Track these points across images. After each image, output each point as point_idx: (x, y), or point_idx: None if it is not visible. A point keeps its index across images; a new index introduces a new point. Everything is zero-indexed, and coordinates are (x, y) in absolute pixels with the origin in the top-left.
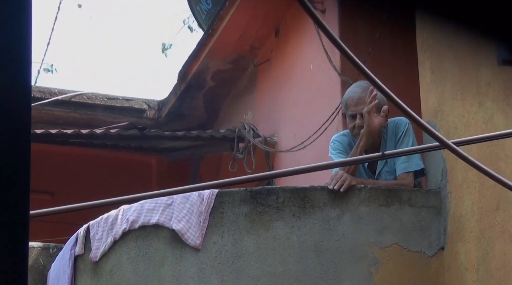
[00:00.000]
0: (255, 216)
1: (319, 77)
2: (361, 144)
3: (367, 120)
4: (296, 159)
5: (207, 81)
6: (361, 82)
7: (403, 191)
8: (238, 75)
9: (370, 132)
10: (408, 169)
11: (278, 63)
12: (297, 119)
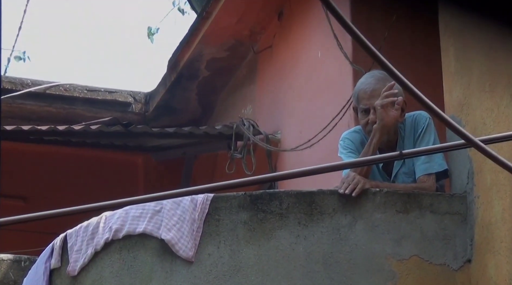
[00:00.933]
0: (256, 224)
1: (328, 66)
2: (374, 141)
3: (380, 114)
4: (302, 159)
5: (200, 70)
6: (375, 71)
7: (423, 196)
8: (236, 64)
9: (383, 127)
10: (429, 170)
11: (282, 50)
12: (303, 114)
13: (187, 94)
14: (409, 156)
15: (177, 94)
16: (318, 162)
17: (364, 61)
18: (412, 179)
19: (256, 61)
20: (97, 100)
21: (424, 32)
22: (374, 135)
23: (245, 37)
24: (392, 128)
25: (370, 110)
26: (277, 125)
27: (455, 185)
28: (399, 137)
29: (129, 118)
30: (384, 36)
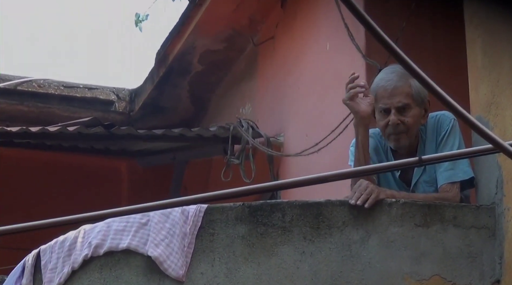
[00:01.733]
0: (255, 239)
1: (338, 60)
2: (359, 139)
3: (352, 107)
4: (308, 165)
5: (193, 64)
6: (395, 66)
7: (446, 207)
8: (233, 57)
9: (362, 120)
10: (453, 179)
11: (285, 42)
12: (309, 114)
13: (178, 91)
14: (430, 162)
15: (166, 92)
16: (326, 168)
17: (378, 54)
18: (434, 188)
19: (256, 54)
20: (75, 98)
21: (447, 22)
22: (357, 133)
23: (244, 27)
24: (369, 119)
25: (391, 110)
26: (280, 127)
27: (482, 195)
28: (420, 141)
29: (112, 118)
30: (401, 26)
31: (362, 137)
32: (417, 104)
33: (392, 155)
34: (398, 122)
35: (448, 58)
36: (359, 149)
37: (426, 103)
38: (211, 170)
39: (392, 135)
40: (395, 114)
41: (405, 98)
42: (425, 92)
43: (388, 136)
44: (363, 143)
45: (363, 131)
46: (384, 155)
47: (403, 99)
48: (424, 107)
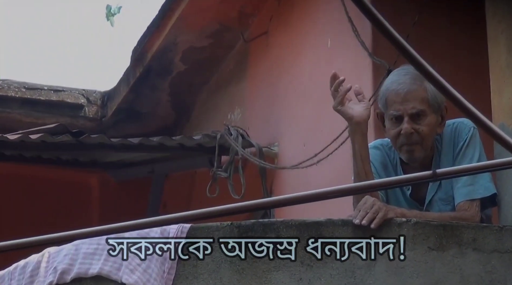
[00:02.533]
0: (245, 264)
1: (341, 59)
2: (356, 148)
3: (345, 113)
4: (306, 179)
5: (175, 64)
6: (408, 67)
7: (464, 228)
8: (221, 55)
9: (358, 125)
10: (472, 195)
11: (280, 38)
12: (307, 121)
13: (157, 94)
14: (446, 177)
15: (144, 94)
16: (327, 183)
17: (387, 53)
18: (451, 206)
19: (247, 52)
20: (39, 101)
21: (465, 16)
22: (353, 142)
23: (233, 20)
24: (366, 125)
25: (404, 117)
26: (274, 136)
27: (505, 215)
28: (435, 153)
29: (81, 125)
30: (413, 20)
31: (359, 146)
32: (433, 110)
33: (402, 169)
34: (412, 131)
35: (467, 57)
36: (358, 160)
37: (443, 109)
38: (195, 184)
39: (405, 146)
40: (408, 122)
41: (420, 104)
42: (442, 97)
43: (400, 147)
44: (362, 153)
45: (361, 140)
46: (393, 169)
47: (417, 105)
48: (441, 114)
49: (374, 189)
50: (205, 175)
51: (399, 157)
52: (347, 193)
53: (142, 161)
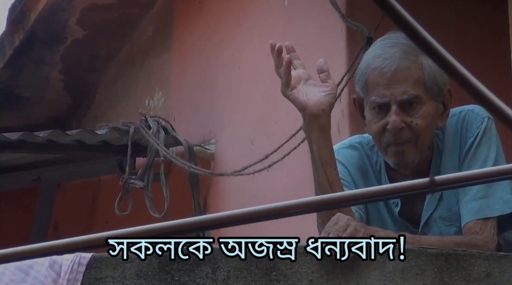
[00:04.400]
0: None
1: (302, 23)
2: (314, 149)
3: (299, 101)
4: (255, 189)
5: (69, 28)
6: (398, 35)
7: (474, 258)
8: (135, 16)
9: (313, 118)
10: (486, 213)
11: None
12: (256, 109)
13: (44, 71)
14: (449, 186)
15: (26, 71)
16: (282, 195)
17: (366, 14)
18: (456, 228)
19: (172, 12)
20: None
21: None
22: (310, 141)
23: None
24: (326, 118)
25: (391, 106)
26: (210, 130)
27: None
28: (434, 155)
29: None
30: None
31: (318, 147)
32: (432, 96)
33: (388, 177)
34: (402, 125)
35: (478, 21)
36: (318, 166)
37: (445, 94)
38: (98, 197)
39: (393, 146)
40: (397, 113)
41: (413, 88)
42: (444, 77)
43: (386, 147)
44: (323, 155)
45: (320, 138)
46: (375, 176)
47: (410, 89)
48: (443, 101)
49: (347, 203)
50: (113, 184)
51: (385, 160)
52: (310, 209)
53: (24, 165)
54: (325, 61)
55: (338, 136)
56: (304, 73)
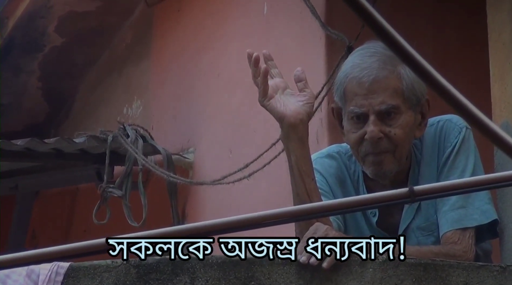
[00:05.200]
0: None
1: (281, 31)
2: (292, 160)
3: (276, 111)
4: (233, 198)
5: (48, 35)
6: (376, 45)
7: (453, 268)
8: (113, 24)
9: (291, 128)
10: (464, 223)
11: (197, 1)
12: (236, 117)
13: (22, 78)
14: (428, 196)
15: (3, 79)
16: (262, 204)
17: (346, 23)
18: (435, 238)
19: (151, 20)
20: None
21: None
22: (288, 151)
23: None
24: (304, 127)
25: (369, 116)
26: (189, 138)
27: (510, 250)
28: (412, 165)
29: None
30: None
31: (297, 158)
32: (410, 106)
33: (366, 187)
34: (380, 135)
35: (457, 30)
36: (296, 176)
37: (423, 104)
38: (76, 206)
39: (371, 156)
40: (375, 123)
41: (391, 98)
42: (422, 87)
43: (364, 157)
44: (301, 166)
45: (298, 148)
46: (353, 186)
47: (388, 99)
48: (421, 111)
49: (326, 213)
50: (91, 192)
51: (363, 169)
52: (289, 218)
53: (2, 173)
54: (302, 70)
55: (317, 146)
56: (281, 83)
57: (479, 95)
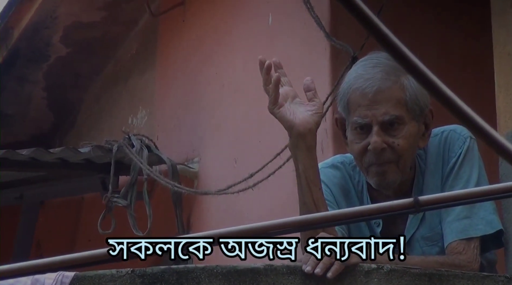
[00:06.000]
0: None
1: (286, 42)
2: (300, 169)
3: (285, 119)
4: (238, 208)
5: (53, 45)
6: (379, 56)
7: (458, 278)
8: (119, 34)
9: (300, 137)
10: (469, 233)
11: (202, 11)
12: (240, 127)
13: (27, 88)
14: (432, 206)
15: (8, 89)
16: (267, 214)
17: (351, 33)
18: (439, 248)
19: (156, 30)
20: None
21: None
22: (296, 160)
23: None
24: (313, 137)
25: (373, 127)
26: (193, 148)
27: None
28: (417, 175)
29: None
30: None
31: (305, 166)
32: (414, 117)
33: (370, 197)
34: (383, 146)
35: (461, 40)
36: (303, 185)
37: (427, 115)
38: (81, 215)
39: (374, 167)
40: (378, 134)
41: (394, 108)
42: (425, 97)
43: (368, 168)
44: (309, 175)
45: (306, 157)
46: (357, 197)
47: (391, 110)
48: (424, 122)
49: (330, 223)
50: (96, 202)
51: (367, 180)
52: (294, 228)
53: (7, 183)
54: (312, 80)
55: (321, 156)
56: (291, 91)
57: (483, 106)
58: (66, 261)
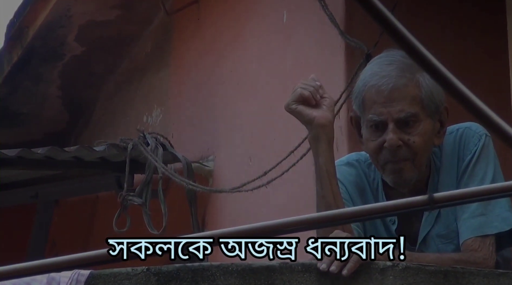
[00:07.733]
0: None
1: (301, 39)
2: (320, 162)
3: (304, 115)
4: (252, 205)
5: (67, 44)
6: (395, 53)
7: (473, 276)
8: (133, 33)
9: (322, 128)
10: (485, 230)
11: (217, 9)
12: (255, 125)
13: (42, 87)
14: (448, 204)
15: (23, 88)
16: (281, 212)
17: (365, 31)
18: (455, 246)
19: (171, 28)
20: None
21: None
22: (316, 153)
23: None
24: (332, 129)
25: (388, 124)
26: (208, 146)
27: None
28: (432, 173)
29: None
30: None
31: (325, 159)
32: (429, 114)
33: (385, 195)
34: (399, 143)
35: (478, 36)
36: (323, 179)
37: (442, 112)
38: (97, 214)
39: (390, 165)
40: (394, 131)
41: (410, 106)
42: (441, 95)
43: (383, 165)
44: (329, 168)
45: (327, 150)
46: (372, 194)
47: (407, 107)
48: (440, 119)
49: (346, 220)
50: (110, 201)
51: (382, 177)
52: (309, 225)
53: (22, 181)
54: (317, 78)
55: (336, 154)
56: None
57: (499, 103)
58: (82, 259)
